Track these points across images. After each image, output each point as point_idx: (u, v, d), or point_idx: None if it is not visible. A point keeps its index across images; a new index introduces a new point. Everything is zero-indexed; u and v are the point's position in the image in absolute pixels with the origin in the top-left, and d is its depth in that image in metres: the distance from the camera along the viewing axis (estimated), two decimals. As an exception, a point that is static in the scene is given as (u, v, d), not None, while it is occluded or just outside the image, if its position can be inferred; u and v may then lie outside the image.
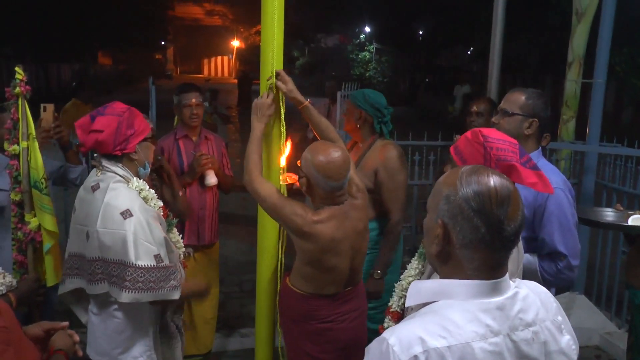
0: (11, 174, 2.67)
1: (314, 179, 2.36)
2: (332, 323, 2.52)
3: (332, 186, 2.36)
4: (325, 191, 2.38)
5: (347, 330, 2.55)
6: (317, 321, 2.51)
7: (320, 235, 2.37)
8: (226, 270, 5.41)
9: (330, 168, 2.32)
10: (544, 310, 1.35)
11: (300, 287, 2.52)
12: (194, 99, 3.58)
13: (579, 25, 4.53)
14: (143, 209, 2.31)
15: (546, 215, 2.36)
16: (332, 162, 2.33)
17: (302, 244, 2.41)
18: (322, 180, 2.34)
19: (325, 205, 2.41)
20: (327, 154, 2.34)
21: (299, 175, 2.45)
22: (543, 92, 2.52)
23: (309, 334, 2.53)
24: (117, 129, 2.31)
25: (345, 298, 2.56)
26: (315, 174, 2.34)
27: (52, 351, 1.74)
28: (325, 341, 2.52)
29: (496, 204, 1.25)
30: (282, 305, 2.66)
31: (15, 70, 2.64)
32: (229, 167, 3.89)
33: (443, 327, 1.23)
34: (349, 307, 2.56)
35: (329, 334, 2.52)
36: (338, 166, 2.34)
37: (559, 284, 2.47)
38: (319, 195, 2.41)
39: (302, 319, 2.53)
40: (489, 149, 1.81)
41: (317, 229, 2.36)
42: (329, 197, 2.40)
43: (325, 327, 2.52)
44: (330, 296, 2.51)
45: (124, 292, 2.25)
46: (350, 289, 2.58)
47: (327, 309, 2.51)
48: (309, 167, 2.36)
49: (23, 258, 2.70)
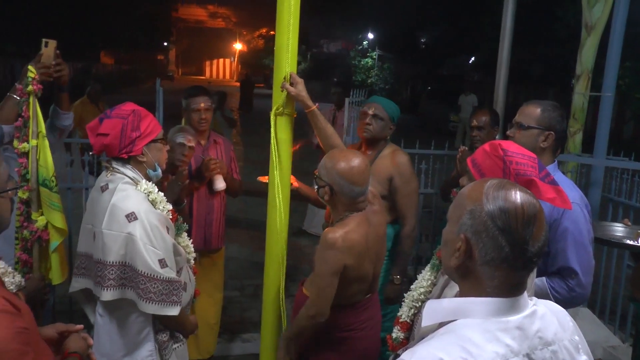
0: (20, 172, 2.65)
1: (338, 186, 2.33)
2: (352, 332, 2.50)
3: (357, 192, 2.35)
4: (350, 198, 2.35)
5: (365, 339, 2.53)
6: (338, 330, 2.49)
7: (352, 249, 2.32)
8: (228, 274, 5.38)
9: (355, 174, 2.31)
10: (562, 329, 1.33)
11: None
12: (202, 104, 3.56)
13: (589, 39, 4.53)
14: (149, 212, 2.28)
15: (560, 230, 2.33)
16: (355, 168, 2.32)
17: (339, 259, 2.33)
18: (347, 187, 2.32)
19: (349, 212, 2.39)
20: (350, 160, 2.33)
21: (318, 184, 2.42)
22: (558, 105, 2.50)
23: (329, 343, 2.50)
24: (121, 131, 2.29)
25: (365, 306, 2.54)
26: (339, 181, 2.32)
27: (67, 353, 1.73)
28: (344, 350, 2.50)
29: (522, 224, 1.22)
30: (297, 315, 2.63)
31: (28, 69, 2.63)
32: (237, 171, 3.87)
33: (463, 347, 1.20)
34: (367, 315, 2.55)
35: (348, 343, 2.50)
36: (361, 171, 2.33)
37: (572, 303, 2.40)
38: (342, 203, 2.38)
39: (321, 328, 2.48)
40: (508, 163, 1.79)
41: (348, 244, 2.31)
42: (353, 203, 2.38)
43: (345, 336, 2.49)
44: (352, 305, 2.49)
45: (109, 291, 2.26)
46: (369, 296, 2.57)
47: (348, 317, 2.49)
48: (331, 175, 2.33)
49: (27, 257, 2.67)
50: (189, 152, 3.31)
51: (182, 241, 2.59)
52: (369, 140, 3.36)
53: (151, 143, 2.39)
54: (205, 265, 3.68)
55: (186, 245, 2.61)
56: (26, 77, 2.63)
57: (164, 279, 2.24)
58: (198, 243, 3.58)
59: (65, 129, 3.14)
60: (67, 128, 3.15)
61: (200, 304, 3.64)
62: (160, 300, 2.24)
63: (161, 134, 2.46)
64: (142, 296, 2.23)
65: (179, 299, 2.30)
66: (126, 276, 2.26)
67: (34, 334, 1.53)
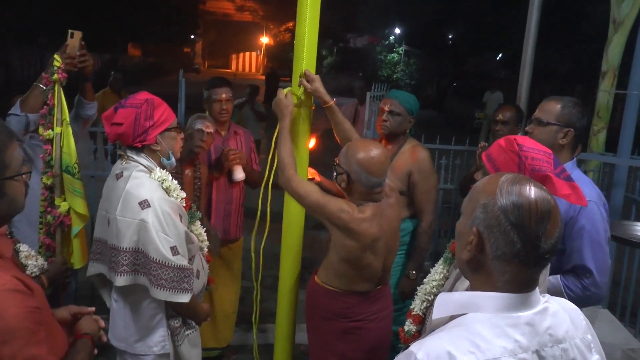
0: (44, 158, 2.72)
1: (355, 175, 2.37)
2: (363, 322, 2.53)
3: (374, 182, 2.38)
4: (366, 187, 2.39)
5: (376, 329, 2.56)
6: (349, 319, 2.52)
7: (365, 233, 2.38)
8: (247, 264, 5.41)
9: (373, 164, 2.35)
10: (574, 327, 1.32)
11: (333, 284, 2.52)
12: (224, 94, 3.60)
13: (616, 35, 4.45)
14: (162, 200, 2.30)
15: (576, 228, 2.30)
16: (374, 158, 2.35)
17: (344, 240, 2.40)
18: (365, 176, 2.36)
19: (364, 202, 2.42)
20: (370, 150, 2.37)
21: (336, 172, 2.45)
22: (579, 101, 2.46)
23: (340, 332, 2.54)
24: (135, 121, 2.31)
25: (376, 297, 2.57)
26: (357, 169, 2.36)
27: (79, 334, 1.76)
28: (356, 340, 2.53)
29: (535, 220, 1.22)
30: (310, 304, 2.66)
31: (54, 57, 2.69)
32: (257, 162, 3.90)
33: (472, 341, 1.21)
34: (378, 307, 2.58)
35: (359, 333, 2.53)
36: (380, 162, 2.37)
37: (586, 302, 2.37)
38: (358, 192, 2.41)
39: (333, 317, 2.53)
40: (523, 158, 1.77)
41: (363, 227, 2.37)
42: (369, 193, 2.41)
43: (356, 326, 2.52)
44: (362, 294, 2.52)
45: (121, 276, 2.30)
46: (380, 288, 2.59)
47: (359, 307, 2.52)
48: (350, 163, 2.38)
49: (50, 241, 2.74)
50: (208, 138, 3.34)
51: (195, 229, 2.61)
52: (388, 136, 3.36)
53: (165, 132, 2.40)
54: (224, 255, 3.72)
55: (199, 233, 2.63)
56: (52, 66, 2.69)
57: (175, 266, 2.26)
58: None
59: (89, 119, 3.20)
60: (92, 117, 3.21)
61: (218, 293, 3.70)
62: (171, 287, 2.27)
63: (175, 122, 2.46)
64: (153, 282, 2.26)
65: (189, 286, 2.33)
66: (139, 262, 2.29)
67: (46, 314, 1.57)
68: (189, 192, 3.23)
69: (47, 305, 1.61)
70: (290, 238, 2.81)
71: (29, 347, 1.43)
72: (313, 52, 2.68)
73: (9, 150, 1.53)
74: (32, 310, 1.45)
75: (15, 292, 1.43)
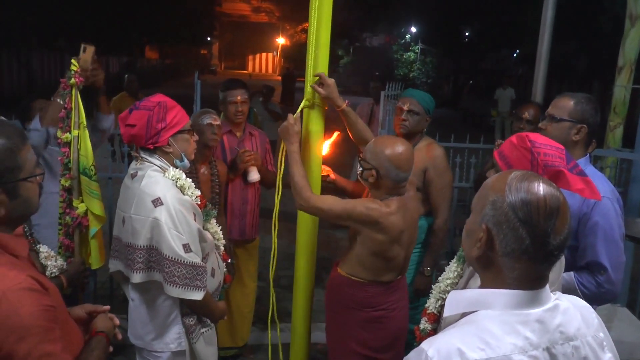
0: (62, 161, 2.77)
1: (384, 170, 2.44)
2: (385, 311, 2.61)
3: (401, 177, 2.46)
4: (394, 182, 2.47)
5: (397, 319, 2.65)
6: (373, 308, 2.59)
7: (393, 226, 2.45)
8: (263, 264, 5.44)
9: (402, 159, 2.43)
10: (585, 325, 1.32)
11: (359, 275, 2.58)
12: (239, 96, 3.62)
13: (632, 29, 4.41)
14: (175, 198, 2.33)
15: (590, 224, 2.29)
16: (403, 154, 2.44)
17: (374, 235, 2.47)
18: (394, 171, 2.43)
19: (390, 196, 2.49)
20: (398, 146, 2.46)
21: (363, 167, 2.52)
22: (592, 97, 2.45)
23: (363, 321, 2.60)
24: (147, 123, 2.33)
25: (396, 286, 2.65)
26: (387, 165, 2.43)
27: (94, 332, 1.79)
28: (377, 329, 2.60)
29: (544, 216, 1.21)
30: (332, 295, 2.72)
31: (71, 62, 2.73)
32: (272, 163, 3.92)
33: (482, 339, 1.21)
34: (398, 296, 2.66)
35: (382, 322, 2.60)
36: (408, 157, 2.46)
37: (600, 300, 2.36)
38: (385, 186, 2.49)
39: (357, 307, 2.60)
40: (536, 154, 1.77)
41: (392, 220, 2.44)
42: (395, 187, 2.49)
43: (379, 315, 2.60)
44: (386, 284, 2.60)
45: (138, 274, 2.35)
46: (400, 277, 2.68)
47: (382, 296, 2.59)
48: (379, 159, 2.44)
49: (69, 242, 2.79)
50: (218, 130, 3.36)
51: (210, 227, 2.64)
52: (405, 135, 3.37)
53: (178, 134, 2.42)
54: (240, 256, 3.75)
55: (215, 231, 2.66)
56: (69, 70, 2.74)
57: (188, 263, 2.29)
58: (233, 233, 3.66)
59: (106, 130, 3.27)
60: (109, 129, 3.27)
61: (234, 293, 3.73)
62: (184, 284, 2.30)
63: (188, 124, 2.49)
64: (167, 279, 2.30)
65: (202, 283, 2.35)
66: (153, 259, 2.33)
67: (62, 313, 1.59)
68: (205, 190, 3.26)
69: (63, 304, 1.63)
70: (304, 237, 2.83)
71: (44, 344, 1.45)
72: (325, 52, 2.69)
73: (22, 152, 1.55)
74: (47, 308, 1.48)
75: (31, 291, 1.46)
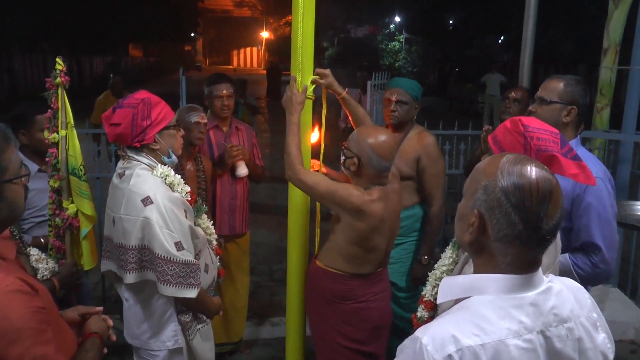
0: (50, 162, 2.74)
1: (366, 158, 2.43)
2: (366, 303, 2.59)
3: (384, 166, 2.45)
4: (376, 171, 2.46)
5: (378, 309, 2.64)
6: (353, 301, 2.58)
7: (374, 213, 2.44)
8: (256, 259, 5.46)
9: (385, 148, 2.43)
10: (578, 306, 1.32)
11: (339, 268, 2.57)
12: (225, 90, 3.60)
13: (616, 11, 4.41)
14: (166, 196, 2.31)
15: (583, 205, 2.30)
16: (385, 143, 2.44)
17: (354, 222, 2.46)
18: (376, 160, 2.43)
19: (373, 185, 2.49)
20: (380, 135, 2.45)
21: (345, 155, 2.51)
22: (581, 79, 2.46)
23: (344, 314, 2.59)
24: (132, 121, 2.30)
25: (377, 278, 2.64)
26: (369, 153, 2.42)
27: (88, 334, 1.77)
28: (359, 321, 2.59)
29: (536, 201, 1.21)
30: (312, 288, 2.71)
31: (56, 61, 2.70)
32: (260, 157, 3.91)
33: (476, 324, 1.21)
34: (379, 288, 2.65)
35: (363, 314, 2.59)
36: (390, 147, 2.45)
37: (595, 280, 2.38)
38: (367, 175, 2.48)
39: (337, 300, 2.58)
40: (529, 138, 1.76)
41: (373, 208, 2.43)
42: (377, 177, 2.48)
43: (360, 307, 2.59)
44: (366, 276, 2.59)
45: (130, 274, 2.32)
46: (381, 270, 2.67)
47: (362, 288, 2.58)
48: (362, 147, 2.44)
49: (60, 243, 2.76)
50: (204, 129, 3.34)
51: (202, 222, 2.62)
52: (396, 126, 3.38)
53: (164, 130, 2.39)
54: (230, 251, 3.74)
55: (207, 226, 2.65)
56: (54, 70, 2.71)
57: (181, 261, 2.27)
58: (223, 229, 3.64)
59: None
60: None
61: (227, 288, 3.72)
62: (178, 283, 2.28)
63: (174, 120, 2.46)
64: (160, 278, 2.28)
65: (196, 281, 2.34)
66: (146, 259, 2.31)
67: (53, 314, 1.57)
68: (192, 186, 3.23)
69: (54, 306, 1.61)
70: (295, 229, 2.82)
71: (37, 346, 1.43)
72: (310, 44, 2.68)
73: (7, 154, 1.52)
74: (37, 310, 1.45)
75: (20, 293, 1.43)
